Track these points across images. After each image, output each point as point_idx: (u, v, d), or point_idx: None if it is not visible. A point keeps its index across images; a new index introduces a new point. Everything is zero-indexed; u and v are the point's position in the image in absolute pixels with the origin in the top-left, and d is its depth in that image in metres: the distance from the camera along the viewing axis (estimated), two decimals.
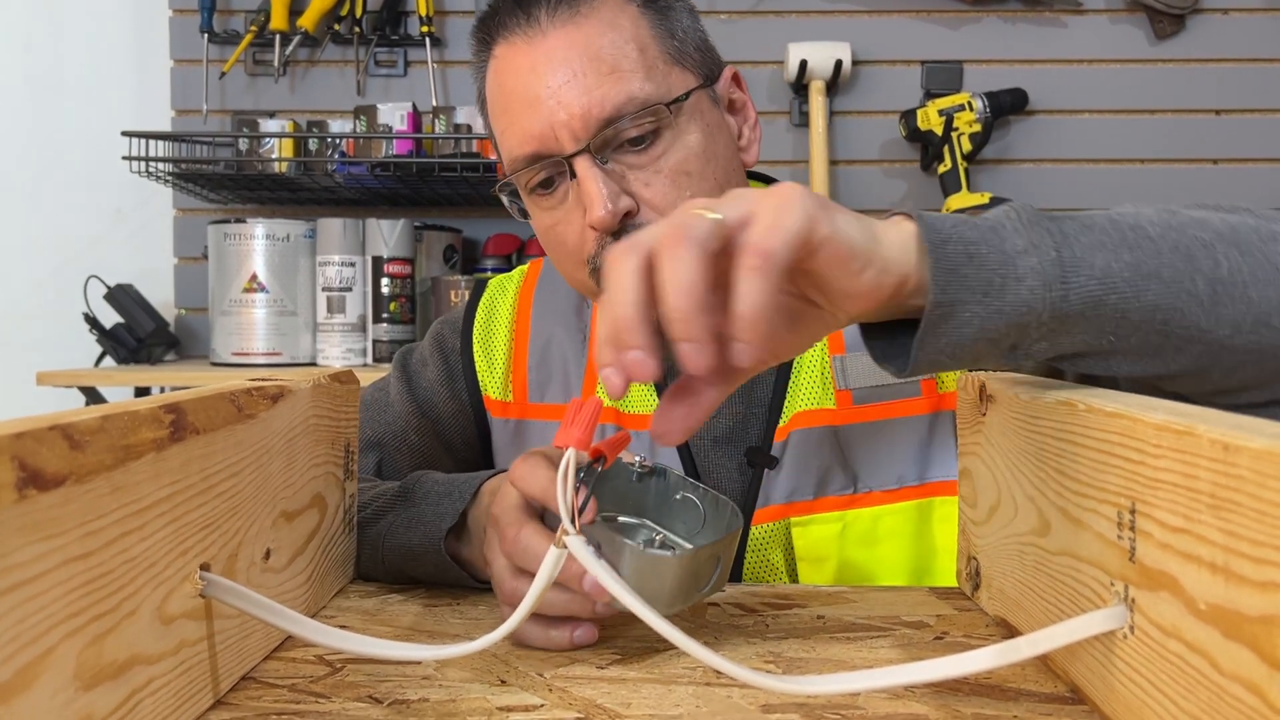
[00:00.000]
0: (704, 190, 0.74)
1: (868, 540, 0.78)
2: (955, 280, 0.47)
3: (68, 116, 2.01)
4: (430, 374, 0.89)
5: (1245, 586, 0.32)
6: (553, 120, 0.72)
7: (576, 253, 0.75)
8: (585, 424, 0.43)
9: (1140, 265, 0.49)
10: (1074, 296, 0.48)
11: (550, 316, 0.87)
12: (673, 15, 0.77)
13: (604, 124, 0.71)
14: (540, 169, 0.74)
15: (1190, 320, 0.50)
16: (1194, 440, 0.35)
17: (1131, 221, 0.51)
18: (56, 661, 0.33)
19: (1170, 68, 1.95)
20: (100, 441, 0.36)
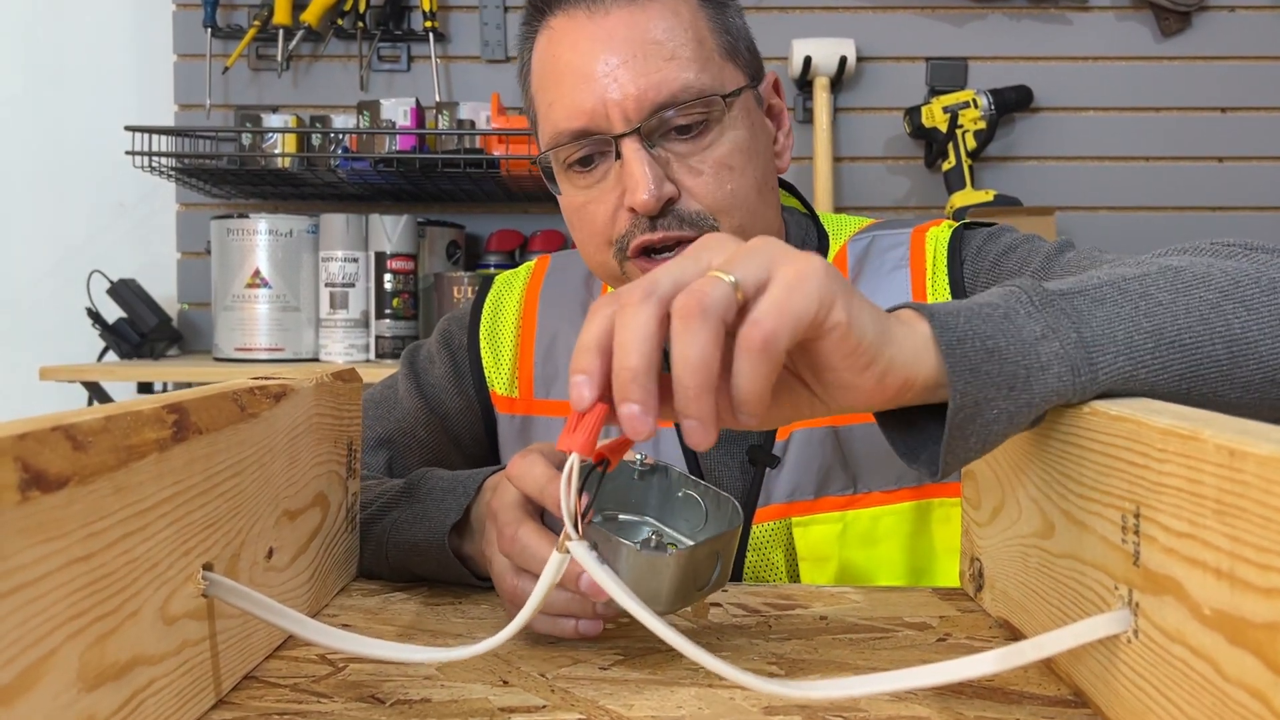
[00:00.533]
0: (743, 186, 0.74)
1: (867, 540, 0.78)
2: (977, 380, 0.45)
3: (71, 111, 2.01)
4: (437, 371, 0.89)
5: (1250, 593, 0.32)
6: (606, 98, 0.72)
7: (604, 232, 0.75)
8: (589, 428, 0.43)
9: (1161, 334, 0.48)
10: (1103, 377, 0.47)
11: (557, 312, 0.87)
12: (728, 13, 0.78)
13: (657, 108, 0.72)
14: (584, 145, 0.74)
15: (1209, 386, 0.49)
16: (1199, 445, 0.35)
17: (1139, 288, 0.50)
18: (59, 663, 0.33)
19: (1176, 65, 1.95)
20: (103, 442, 0.36)
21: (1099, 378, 0.47)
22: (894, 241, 0.83)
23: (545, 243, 1.90)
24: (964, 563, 0.68)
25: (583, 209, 0.76)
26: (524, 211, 1.98)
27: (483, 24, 1.95)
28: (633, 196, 0.72)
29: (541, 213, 1.98)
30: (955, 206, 1.82)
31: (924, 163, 1.94)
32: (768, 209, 0.78)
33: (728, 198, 0.74)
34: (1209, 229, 1.95)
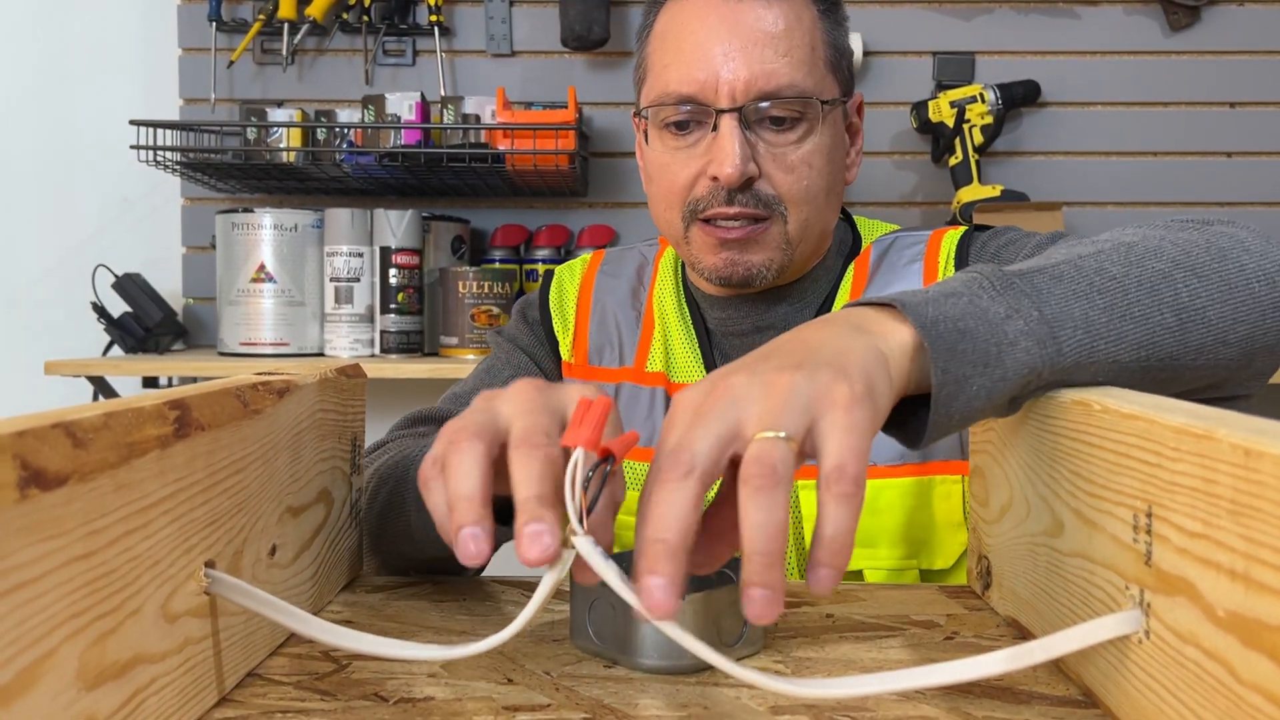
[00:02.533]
0: (816, 185, 0.82)
1: (869, 509, 0.82)
2: (955, 358, 0.47)
3: (75, 105, 2.01)
4: (525, 339, 0.98)
5: (1266, 594, 0.32)
6: (718, 75, 0.80)
7: (681, 192, 0.83)
8: (594, 423, 0.42)
9: (1113, 307, 0.51)
10: (1067, 349, 0.49)
11: (609, 295, 0.96)
12: (840, 31, 0.86)
13: (761, 96, 0.80)
14: (686, 111, 0.81)
15: (1165, 351, 0.52)
16: (1214, 444, 0.35)
17: (1094, 265, 0.53)
18: (59, 662, 0.33)
19: (1184, 60, 1.94)
20: (104, 439, 0.36)
21: (1064, 350, 0.49)
22: (913, 240, 0.91)
23: (550, 238, 1.90)
24: (971, 560, 0.67)
25: (667, 167, 0.83)
26: (529, 206, 1.98)
27: (488, 18, 1.94)
28: (719, 167, 0.79)
29: (546, 208, 1.98)
30: (962, 202, 1.82)
31: (931, 158, 1.93)
32: (831, 212, 0.86)
33: (802, 192, 0.82)
34: None
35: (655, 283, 0.95)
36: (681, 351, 0.90)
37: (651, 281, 0.96)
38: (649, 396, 0.90)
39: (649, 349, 0.92)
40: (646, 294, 0.95)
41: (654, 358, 0.91)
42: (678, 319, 0.92)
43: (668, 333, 0.92)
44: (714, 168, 0.80)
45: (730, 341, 0.90)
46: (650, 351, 0.92)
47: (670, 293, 0.94)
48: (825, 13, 0.84)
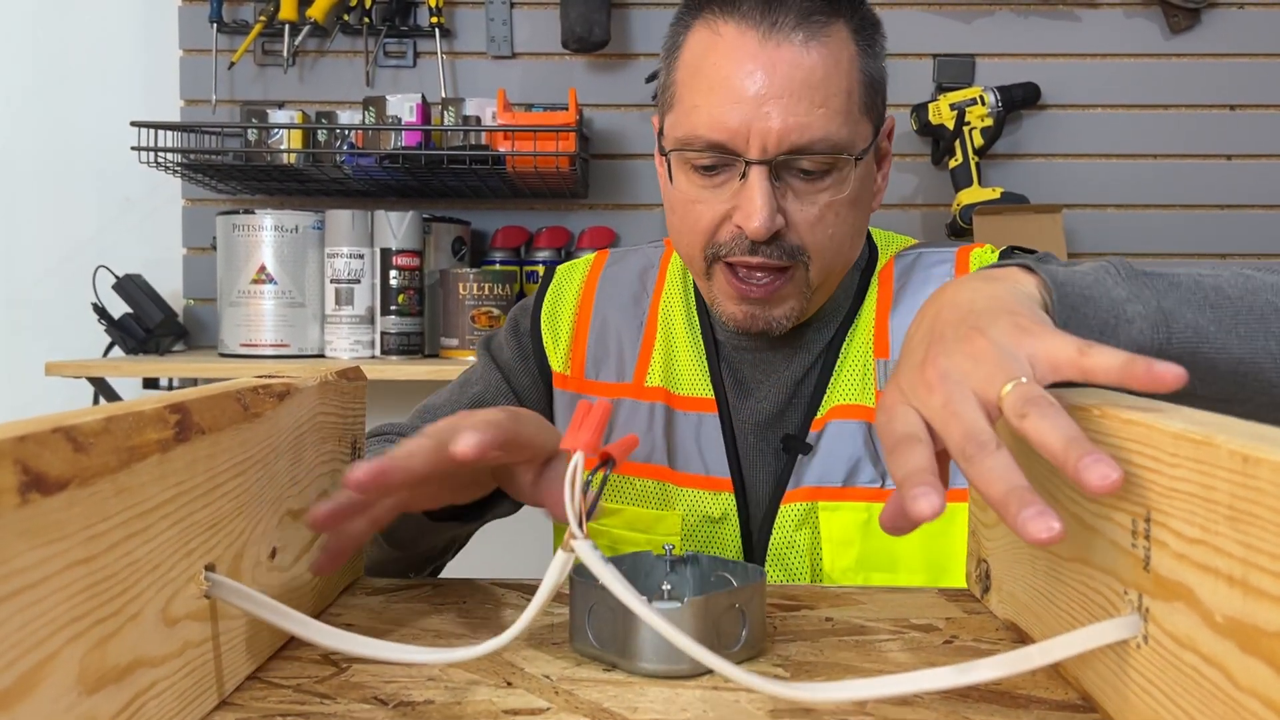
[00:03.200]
0: (842, 233, 0.80)
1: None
2: (1076, 318, 0.53)
3: (76, 106, 2.01)
4: (507, 354, 0.95)
5: (1264, 600, 0.32)
6: (751, 125, 0.76)
7: (705, 233, 0.80)
8: (594, 427, 0.42)
9: (1222, 321, 0.56)
10: (1175, 341, 0.54)
11: (611, 302, 0.93)
12: (878, 61, 0.83)
13: (794, 150, 0.76)
14: (714, 157, 0.78)
15: (1264, 376, 0.57)
16: (1212, 451, 0.35)
17: (1211, 284, 0.58)
18: (59, 666, 0.33)
19: (1184, 62, 1.94)
20: (104, 443, 0.36)
21: (1172, 341, 0.54)
22: (940, 258, 0.90)
23: (550, 239, 1.90)
24: (971, 564, 0.67)
25: (692, 206, 0.80)
26: (530, 208, 1.98)
27: (489, 20, 1.94)
28: (746, 220, 0.76)
29: (547, 209, 1.98)
30: (962, 204, 1.82)
31: (931, 160, 1.93)
32: (853, 251, 0.84)
33: (827, 242, 0.79)
34: (1217, 227, 1.94)
35: (661, 290, 0.92)
36: (687, 363, 0.88)
37: (657, 288, 0.93)
38: (648, 411, 0.88)
39: (649, 362, 0.90)
40: (650, 302, 0.92)
41: (653, 371, 0.89)
42: (685, 329, 0.89)
43: (672, 343, 0.90)
44: (740, 218, 0.77)
45: (740, 355, 0.88)
46: (650, 364, 0.89)
47: (678, 301, 0.91)
48: (864, 47, 0.81)
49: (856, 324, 0.87)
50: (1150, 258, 1.95)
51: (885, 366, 0.84)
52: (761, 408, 0.86)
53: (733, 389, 0.87)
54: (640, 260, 0.96)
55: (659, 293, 0.93)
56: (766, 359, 0.87)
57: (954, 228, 1.85)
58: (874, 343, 0.86)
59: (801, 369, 0.86)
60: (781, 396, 0.86)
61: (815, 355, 0.86)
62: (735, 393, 0.87)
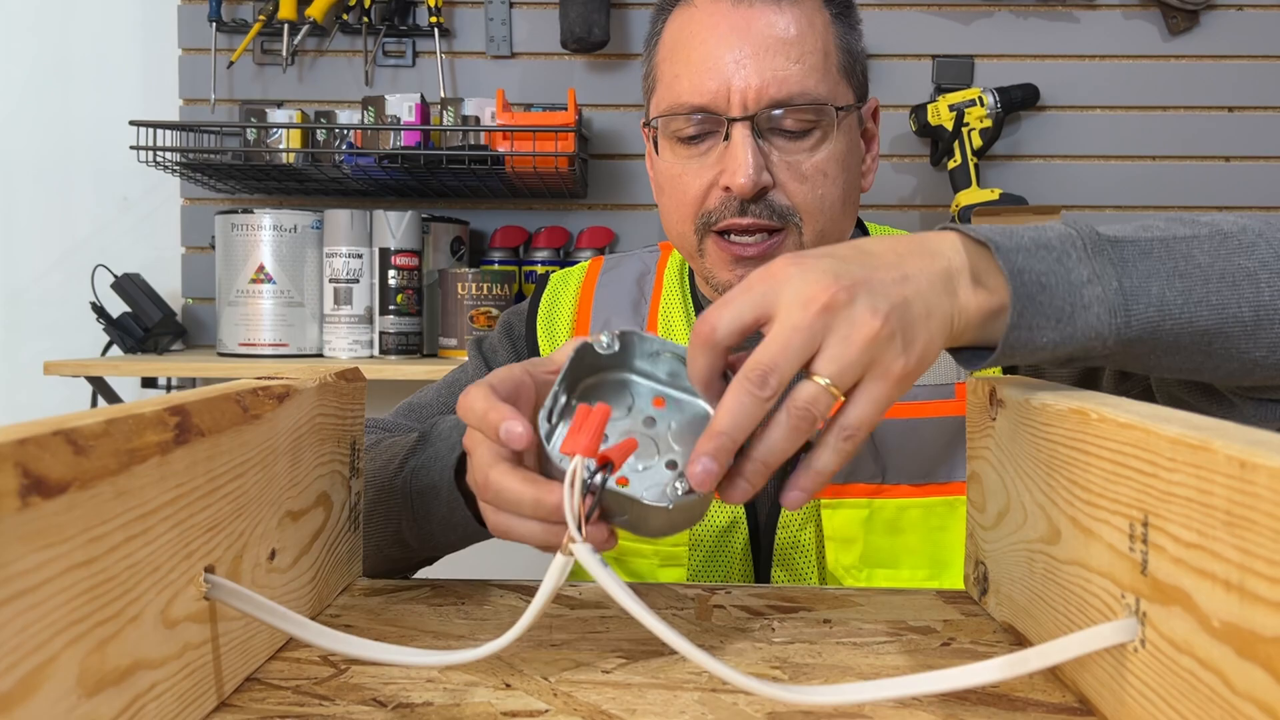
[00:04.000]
0: (831, 195, 0.80)
1: (892, 529, 0.81)
2: (1031, 307, 0.52)
3: (75, 105, 2.01)
4: (501, 357, 0.94)
5: (1260, 606, 0.32)
6: (729, 84, 0.78)
7: (693, 204, 0.81)
8: (593, 431, 0.42)
9: (1191, 292, 0.54)
10: (1135, 323, 0.53)
11: (609, 307, 0.92)
12: (854, 35, 0.84)
13: (773, 103, 0.77)
14: (697, 122, 0.79)
15: (1232, 344, 0.55)
16: (1210, 456, 0.35)
17: (1184, 249, 0.55)
18: (59, 669, 0.33)
19: (1183, 64, 1.94)
20: (104, 446, 0.36)
21: (1132, 323, 0.53)
22: None
23: (549, 239, 1.90)
24: (969, 566, 0.68)
25: (678, 179, 0.81)
26: (528, 208, 1.98)
27: (488, 19, 1.94)
28: (732, 177, 0.77)
29: (546, 209, 1.98)
30: (961, 205, 1.82)
31: (930, 161, 1.93)
32: (847, 220, 0.84)
33: (817, 202, 0.79)
34: None
35: (660, 295, 0.92)
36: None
37: (655, 293, 0.92)
38: None
39: None
40: (649, 307, 0.92)
41: None
42: (686, 332, 0.89)
43: None
44: (726, 178, 0.78)
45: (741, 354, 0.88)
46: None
47: (678, 305, 0.91)
48: (838, 16, 0.82)
49: None
50: None
51: None
52: None
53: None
54: (636, 266, 0.96)
55: (657, 297, 0.92)
56: None
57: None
58: None
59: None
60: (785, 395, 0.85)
61: None
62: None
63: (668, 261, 0.94)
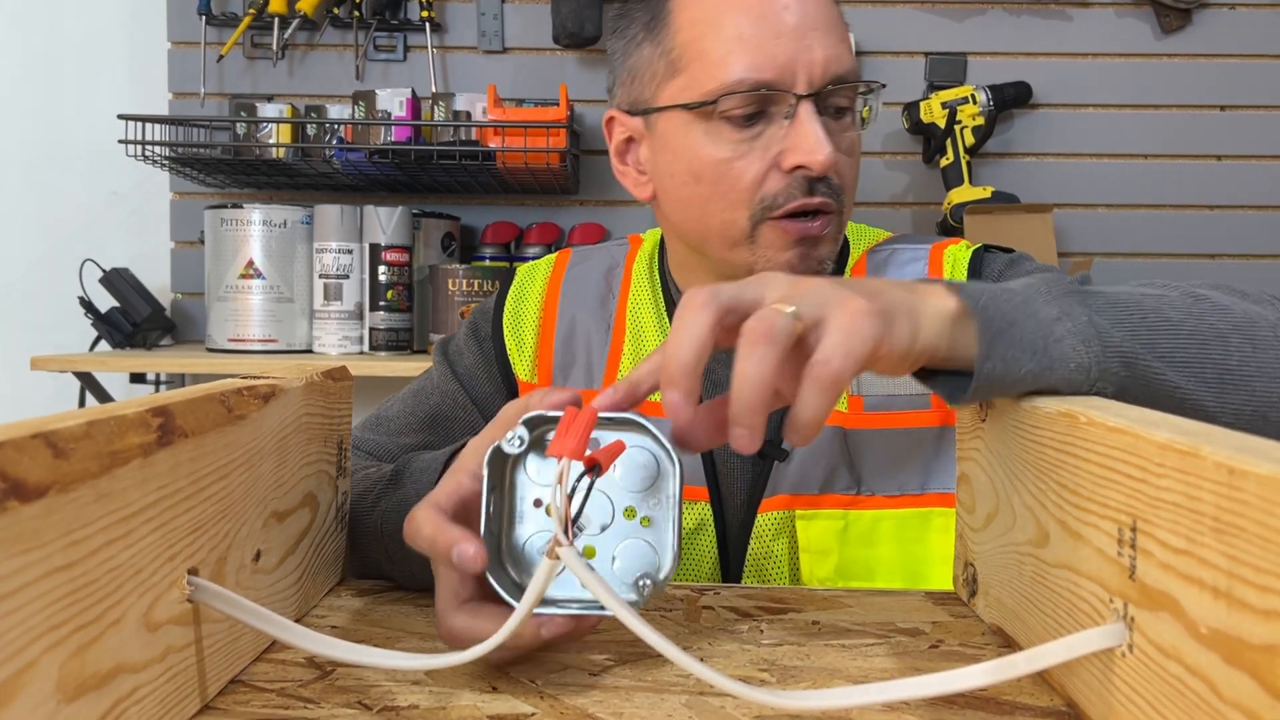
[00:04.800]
0: (852, 178, 0.79)
1: (867, 540, 0.80)
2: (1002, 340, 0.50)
3: (64, 98, 2.00)
4: (468, 360, 0.91)
5: (1248, 613, 0.32)
6: (798, 57, 0.74)
7: (748, 189, 0.76)
8: (580, 434, 0.42)
9: (1156, 347, 0.53)
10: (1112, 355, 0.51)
11: (576, 303, 0.89)
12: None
13: (835, 80, 0.75)
14: (760, 100, 0.75)
15: (1198, 401, 0.54)
16: (1198, 462, 0.35)
17: (1153, 304, 0.54)
18: (38, 674, 0.33)
19: (1176, 62, 1.94)
20: (85, 448, 0.36)
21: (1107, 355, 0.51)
22: (913, 255, 0.86)
23: (540, 235, 1.90)
24: (958, 566, 0.67)
25: (728, 164, 0.76)
26: (520, 204, 1.98)
27: (479, 14, 1.94)
28: (809, 155, 0.74)
29: (537, 205, 1.97)
30: (953, 203, 1.82)
31: (922, 159, 1.93)
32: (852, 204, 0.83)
33: (854, 182, 0.79)
34: (1207, 227, 1.95)
35: (629, 290, 0.89)
36: None
37: (623, 288, 0.89)
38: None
39: (618, 366, 0.86)
40: (616, 302, 0.89)
41: (622, 372, 0.85)
42: (656, 331, 0.86)
43: (642, 346, 0.86)
44: (800, 156, 0.74)
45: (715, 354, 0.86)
46: (619, 369, 0.86)
47: (647, 300, 0.88)
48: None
49: None
50: (1140, 258, 1.95)
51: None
52: None
53: (708, 391, 0.83)
54: (604, 260, 0.92)
55: (625, 293, 0.89)
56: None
57: (945, 226, 1.85)
58: None
59: None
60: None
61: None
62: (711, 395, 0.84)
63: (636, 255, 0.91)
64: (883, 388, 0.81)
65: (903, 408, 0.80)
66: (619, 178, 0.87)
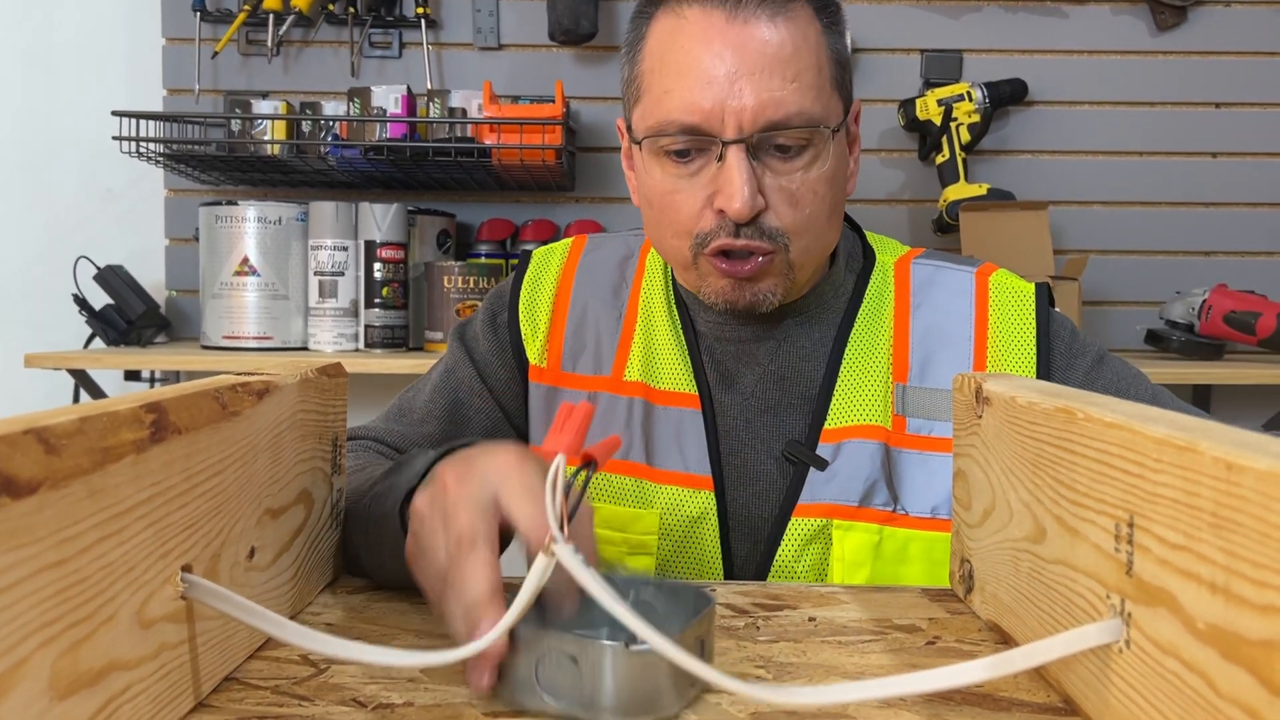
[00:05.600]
0: (819, 212, 0.79)
1: (899, 558, 0.81)
2: None
3: (58, 95, 1.99)
4: (483, 346, 0.92)
5: (1246, 609, 0.32)
6: (725, 104, 0.75)
7: (686, 224, 0.78)
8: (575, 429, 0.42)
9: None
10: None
11: (590, 291, 0.90)
12: (841, 41, 0.81)
13: (769, 126, 0.75)
14: (688, 141, 0.77)
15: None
16: (1196, 457, 0.35)
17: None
18: (30, 672, 0.32)
19: (1171, 60, 1.94)
20: (77, 444, 0.35)
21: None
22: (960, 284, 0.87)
23: (536, 232, 1.89)
24: (954, 563, 0.67)
25: (669, 196, 0.79)
26: (515, 201, 1.97)
27: (475, 10, 1.93)
28: (728, 203, 0.75)
29: (533, 202, 1.97)
30: (949, 200, 1.82)
31: (918, 156, 1.93)
32: (832, 232, 0.83)
33: (805, 221, 0.78)
34: (1202, 225, 1.95)
35: (642, 281, 0.90)
36: (668, 358, 0.86)
37: (636, 279, 0.91)
38: (626, 407, 0.86)
39: (628, 355, 0.87)
40: (629, 293, 0.90)
41: (632, 365, 0.87)
42: (666, 322, 0.88)
43: (653, 337, 0.88)
44: (722, 201, 0.76)
45: (723, 347, 0.86)
46: (630, 358, 0.87)
47: (659, 292, 0.89)
48: (828, 27, 0.79)
49: (858, 329, 0.85)
50: (1136, 255, 1.96)
51: (903, 390, 0.83)
52: (748, 404, 0.85)
53: (716, 384, 0.86)
54: (620, 248, 0.93)
55: (638, 284, 0.90)
56: (749, 351, 0.85)
57: (940, 224, 1.85)
58: (892, 360, 0.84)
59: (790, 366, 0.85)
60: (770, 393, 0.85)
61: (809, 355, 0.85)
62: (719, 387, 0.86)
63: (650, 248, 0.92)
64: (924, 411, 0.82)
65: (942, 434, 0.82)
66: (627, 181, 0.88)
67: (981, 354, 0.84)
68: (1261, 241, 1.96)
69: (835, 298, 0.87)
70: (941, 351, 0.84)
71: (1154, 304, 1.89)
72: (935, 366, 0.84)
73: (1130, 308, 1.95)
